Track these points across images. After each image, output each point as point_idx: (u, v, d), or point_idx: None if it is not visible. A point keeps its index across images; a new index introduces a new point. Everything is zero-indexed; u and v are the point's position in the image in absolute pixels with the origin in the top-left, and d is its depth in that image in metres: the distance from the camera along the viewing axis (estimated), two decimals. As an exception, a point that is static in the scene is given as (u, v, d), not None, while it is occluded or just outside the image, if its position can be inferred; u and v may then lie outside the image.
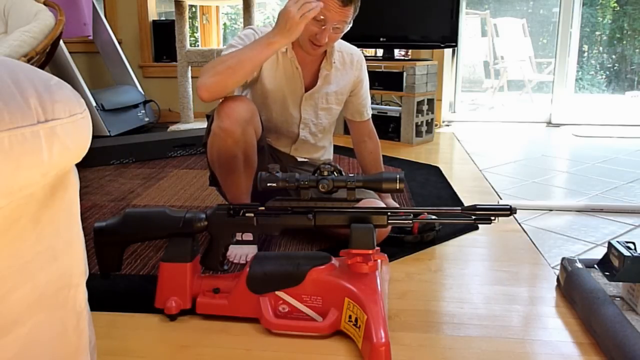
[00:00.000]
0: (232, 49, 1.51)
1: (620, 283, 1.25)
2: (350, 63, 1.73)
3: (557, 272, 1.46)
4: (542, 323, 1.24)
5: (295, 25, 1.36)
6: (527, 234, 1.79)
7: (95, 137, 2.91)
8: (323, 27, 1.49)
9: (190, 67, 3.55)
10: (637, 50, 5.53)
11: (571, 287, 1.31)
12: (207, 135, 1.57)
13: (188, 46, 3.49)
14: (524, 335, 1.19)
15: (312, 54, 1.60)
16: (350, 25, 1.56)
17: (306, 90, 1.69)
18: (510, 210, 1.16)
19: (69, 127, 0.62)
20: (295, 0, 1.35)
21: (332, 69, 1.68)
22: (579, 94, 5.48)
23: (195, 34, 4.38)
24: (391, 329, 1.20)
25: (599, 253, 1.56)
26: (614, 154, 2.97)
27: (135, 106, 3.65)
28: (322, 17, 1.47)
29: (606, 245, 1.30)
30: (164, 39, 3.99)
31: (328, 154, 1.89)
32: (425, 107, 3.26)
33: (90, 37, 3.38)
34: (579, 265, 1.35)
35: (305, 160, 1.81)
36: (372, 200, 1.61)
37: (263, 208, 1.25)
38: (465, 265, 1.56)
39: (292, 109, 1.70)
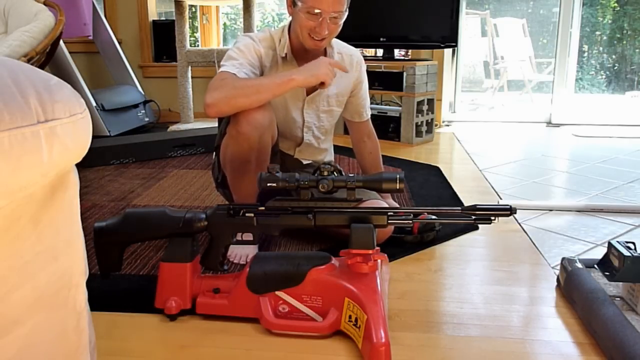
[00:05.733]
0: (233, 62, 1.51)
1: (620, 283, 1.25)
2: (350, 64, 1.73)
3: (557, 272, 1.46)
4: (542, 323, 1.25)
5: (324, 75, 1.45)
6: (527, 234, 1.79)
7: (95, 137, 2.91)
8: (321, 19, 1.50)
9: (190, 67, 3.55)
10: (637, 50, 5.53)
11: (571, 287, 1.31)
12: (220, 137, 1.57)
13: (188, 46, 3.49)
14: (524, 335, 1.19)
15: (314, 49, 1.58)
16: (347, 13, 1.55)
17: (307, 94, 1.68)
18: (510, 210, 1.16)
19: (69, 127, 0.62)
20: (333, 61, 1.50)
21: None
22: (579, 94, 5.47)
23: (195, 34, 4.38)
24: (391, 329, 1.20)
25: (599, 253, 1.56)
26: (614, 154, 2.97)
27: (135, 106, 3.64)
28: (317, 10, 1.48)
29: (606, 245, 1.30)
30: (164, 39, 3.99)
31: (330, 156, 1.89)
32: (425, 107, 3.26)
33: (90, 37, 3.38)
34: (579, 265, 1.35)
35: (310, 162, 1.81)
36: (376, 201, 1.61)
37: (263, 208, 1.25)
38: (465, 265, 1.56)
39: (294, 114, 1.70)
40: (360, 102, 1.81)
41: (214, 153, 1.72)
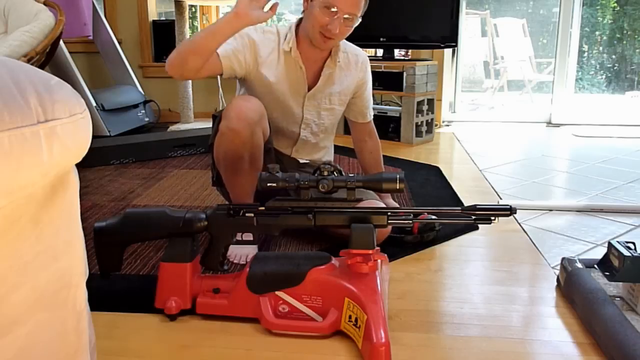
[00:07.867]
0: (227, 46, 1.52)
1: (620, 283, 1.25)
2: (355, 64, 1.73)
3: (557, 272, 1.46)
4: (542, 323, 1.24)
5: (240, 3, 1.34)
6: (527, 234, 1.79)
7: (95, 137, 2.90)
8: (335, 17, 1.49)
9: (190, 67, 3.54)
10: (637, 50, 5.53)
11: (571, 287, 1.31)
12: (213, 135, 1.57)
13: (188, 46, 3.48)
14: (524, 335, 1.19)
15: (323, 47, 1.58)
16: (360, 20, 1.56)
17: (309, 90, 1.68)
18: (510, 210, 1.16)
19: (69, 127, 0.62)
20: None
21: (336, 68, 1.68)
22: (579, 94, 5.47)
23: (195, 34, 4.38)
24: (391, 329, 1.20)
25: (599, 253, 1.56)
26: (614, 154, 2.97)
27: (135, 106, 3.64)
28: (333, 8, 1.48)
29: (606, 245, 1.30)
30: (164, 39, 3.99)
31: (329, 155, 1.89)
32: (425, 107, 3.26)
33: (90, 37, 3.38)
34: (579, 265, 1.35)
35: (307, 162, 1.81)
36: (373, 201, 1.61)
37: (263, 208, 1.25)
38: (465, 265, 1.56)
39: (294, 109, 1.69)
40: (365, 104, 1.81)
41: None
